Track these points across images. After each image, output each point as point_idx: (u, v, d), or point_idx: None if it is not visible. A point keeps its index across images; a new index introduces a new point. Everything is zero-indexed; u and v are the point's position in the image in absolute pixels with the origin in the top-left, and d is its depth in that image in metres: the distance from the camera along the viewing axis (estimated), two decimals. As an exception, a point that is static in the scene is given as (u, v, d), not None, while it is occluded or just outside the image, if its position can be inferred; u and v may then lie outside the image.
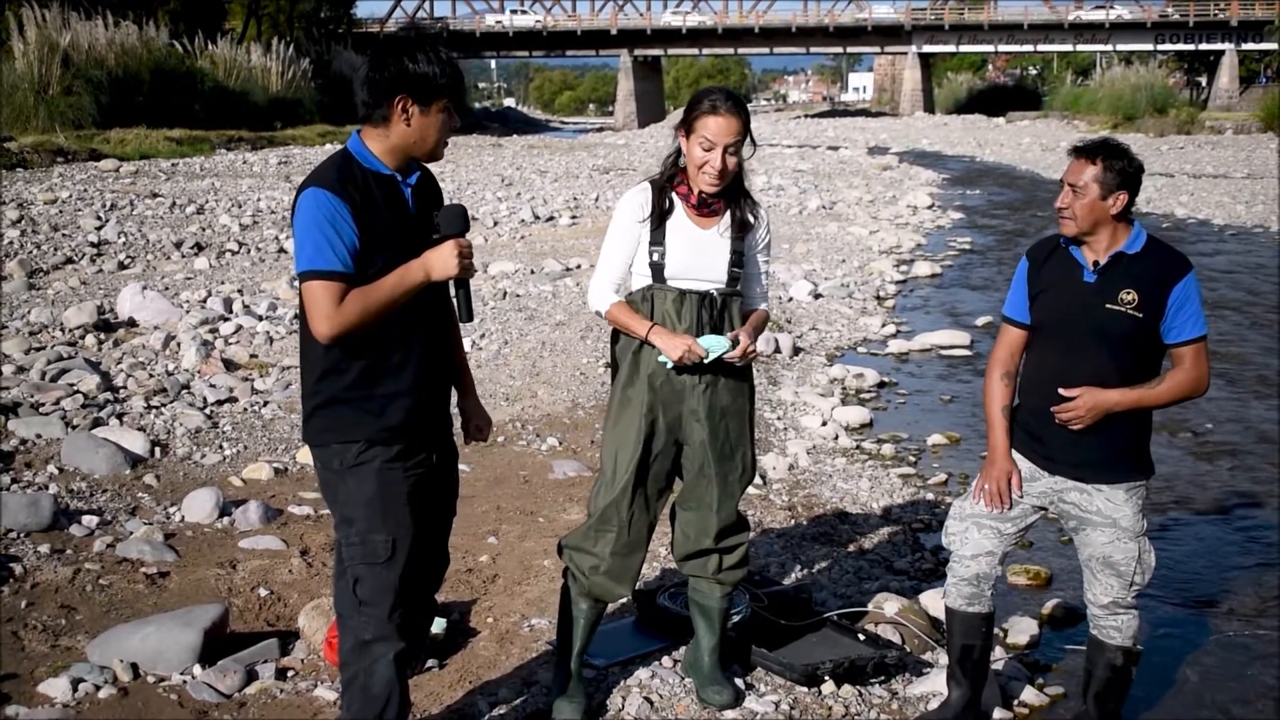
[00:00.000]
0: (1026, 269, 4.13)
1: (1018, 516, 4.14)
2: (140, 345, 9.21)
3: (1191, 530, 6.70)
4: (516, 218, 19.09)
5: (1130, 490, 4.03)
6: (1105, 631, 4.15)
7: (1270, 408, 9.24)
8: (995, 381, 4.16)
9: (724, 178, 3.93)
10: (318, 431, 3.45)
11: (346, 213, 3.26)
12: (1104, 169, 3.89)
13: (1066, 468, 4.03)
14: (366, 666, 3.44)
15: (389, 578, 3.44)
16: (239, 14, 56.33)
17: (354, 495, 3.42)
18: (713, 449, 4.04)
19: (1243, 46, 69.96)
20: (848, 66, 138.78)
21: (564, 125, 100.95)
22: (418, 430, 3.50)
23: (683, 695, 4.30)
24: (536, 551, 5.63)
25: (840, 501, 6.76)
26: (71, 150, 25.73)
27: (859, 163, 35.72)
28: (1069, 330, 3.97)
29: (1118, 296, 3.89)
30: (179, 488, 6.42)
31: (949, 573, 4.29)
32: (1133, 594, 4.08)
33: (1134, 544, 4.02)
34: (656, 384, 3.99)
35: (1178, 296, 3.89)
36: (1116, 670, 4.17)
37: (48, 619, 4.76)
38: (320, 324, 3.26)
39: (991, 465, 4.13)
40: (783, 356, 10.19)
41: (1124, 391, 3.90)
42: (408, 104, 3.33)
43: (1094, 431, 3.95)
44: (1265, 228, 20.54)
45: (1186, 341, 3.93)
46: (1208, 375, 4.00)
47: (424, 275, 3.34)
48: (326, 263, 3.23)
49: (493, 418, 7.76)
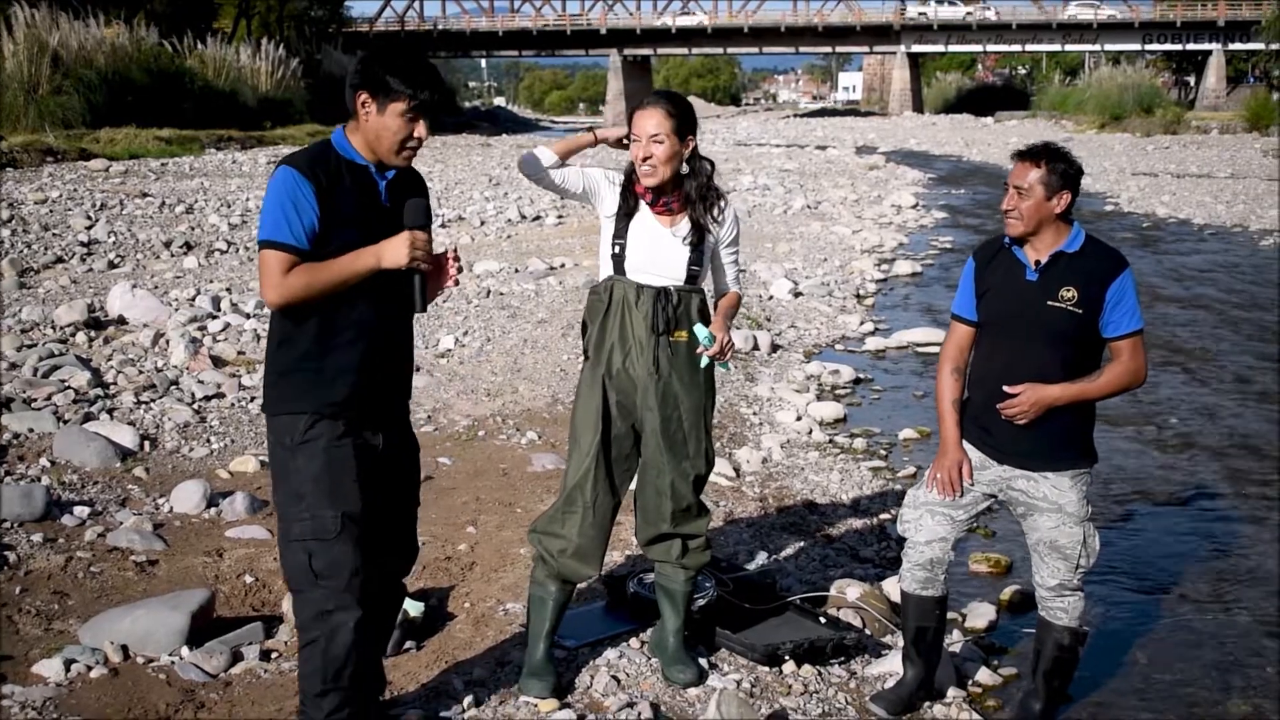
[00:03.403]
0: (974, 268, 4.35)
1: (969, 504, 4.35)
2: (130, 342, 9.37)
3: (1151, 520, 6.91)
4: (503, 217, 19.25)
5: (1075, 477, 4.23)
6: (1053, 613, 4.35)
7: (1237, 404, 9.45)
8: (945, 376, 4.37)
9: (654, 169, 4.12)
10: (272, 401, 3.66)
11: (310, 193, 3.49)
12: (1048, 171, 4.10)
13: (1014, 457, 4.24)
14: (327, 633, 3.60)
15: (343, 550, 3.60)
16: (229, 13, 56.37)
17: (303, 471, 3.59)
18: (664, 437, 4.23)
19: (1230, 47, 70.33)
20: (837, 66, 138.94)
21: (554, 125, 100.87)
22: (365, 408, 3.68)
23: (649, 674, 4.50)
24: (514, 540, 5.82)
25: (811, 493, 6.96)
26: (61, 150, 25.78)
27: (846, 162, 35.87)
28: (1013, 327, 4.18)
29: (1058, 294, 4.10)
30: (168, 480, 6.59)
31: (904, 558, 4.49)
32: (1079, 577, 4.28)
33: (1079, 529, 4.22)
34: (614, 371, 4.20)
35: (1115, 293, 4.09)
36: (1063, 649, 4.38)
37: (41, 604, 4.94)
38: (268, 291, 3.52)
39: (943, 455, 4.33)
40: (761, 353, 10.39)
41: (1065, 386, 4.11)
42: (366, 101, 3.55)
43: (1038, 423, 4.15)
44: (1244, 227, 20.75)
45: (1124, 335, 4.14)
46: (1145, 367, 4.21)
47: (375, 261, 3.55)
48: (281, 235, 3.48)
49: (474, 413, 8.04)
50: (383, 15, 77.85)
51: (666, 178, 4.16)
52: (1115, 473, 7.69)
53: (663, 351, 4.19)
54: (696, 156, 4.24)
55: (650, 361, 4.18)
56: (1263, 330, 12.34)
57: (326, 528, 3.59)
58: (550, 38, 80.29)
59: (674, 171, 4.17)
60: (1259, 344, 11.64)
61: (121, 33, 35.63)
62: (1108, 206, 24.94)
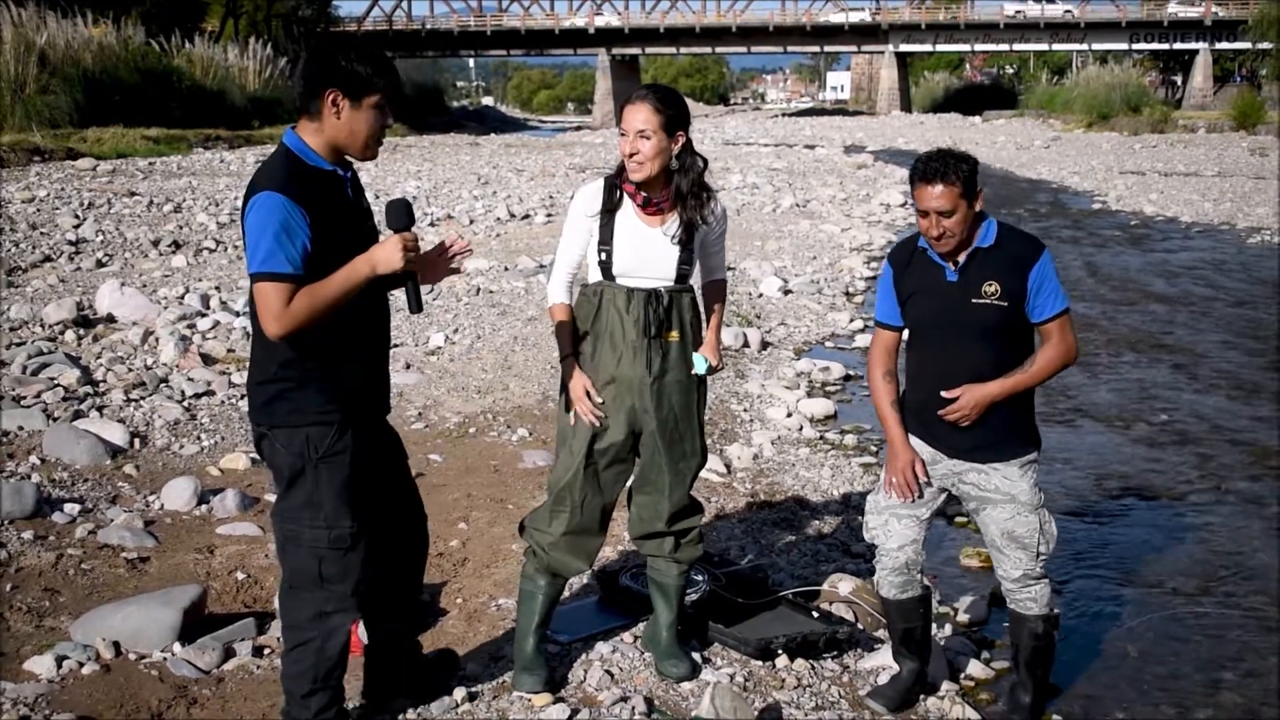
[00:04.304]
0: (891, 274, 4.30)
1: (929, 501, 4.33)
2: (119, 340, 9.35)
3: (1141, 514, 6.93)
4: (492, 216, 19.23)
5: (1024, 466, 4.21)
6: (1022, 604, 4.33)
7: (1225, 399, 9.48)
8: (878, 380, 4.36)
9: (641, 163, 4.08)
10: (286, 413, 3.55)
11: (300, 216, 3.38)
12: (961, 182, 4.01)
13: (961, 453, 4.22)
14: (325, 634, 3.64)
15: (355, 558, 3.64)
16: (217, 13, 56.30)
17: (325, 483, 3.57)
18: (662, 437, 4.23)
19: (1217, 46, 70.56)
20: (825, 65, 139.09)
21: (542, 124, 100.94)
22: (374, 413, 3.71)
23: (642, 668, 4.50)
24: (505, 537, 5.82)
25: (802, 489, 6.97)
26: (48, 149, 25.71)
27: (834, 161, 35.90)
28: (942, 330, 4.15)
29: (981, 290, 4.06)
30: (158, 477, 6.58)
31: (878, 565, 4.47)
32: (1040, 565, 4.25)
33: (1034, 516, 4.20)
34: (607, 376, 4.18)
35: (1036, 278, 4.07)
36: (1039, 638, 4.36)
37: (32, 601, 4.93)
38: (270, 324, 3.39)
39: (894, 458, 4.31)
40: (751, 351, 10.40)
41: (1001, 382, 4.09)
42: (338, 98, 3.45)
43: (981, 419, 4.13)
44: (1231, 225, 20.81)
45: (1051, 318, 4.12)
46: (1075, 344, 4.20)
47: (370, 269, 3.46)
48: (278, 266, 3.35)
49: (465, 410, 8.03)
50: (370, 14, 77.92)
51: (654, 173, 4.11)
52: (1104, 468, 7.71)
53: (655, 353, 4.18)
54: (688, 152, 4.18)
55: (644, 364, 4.17)
56: (1250, 326, 12.38)
57: (344, 539, 3.60)
58: (538, 37, 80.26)
59: (662, 167, 4.11)
60: (1247, 340, 11.67)
61: (109, 32, 35.62)
62: (1095, 205, 25.00)
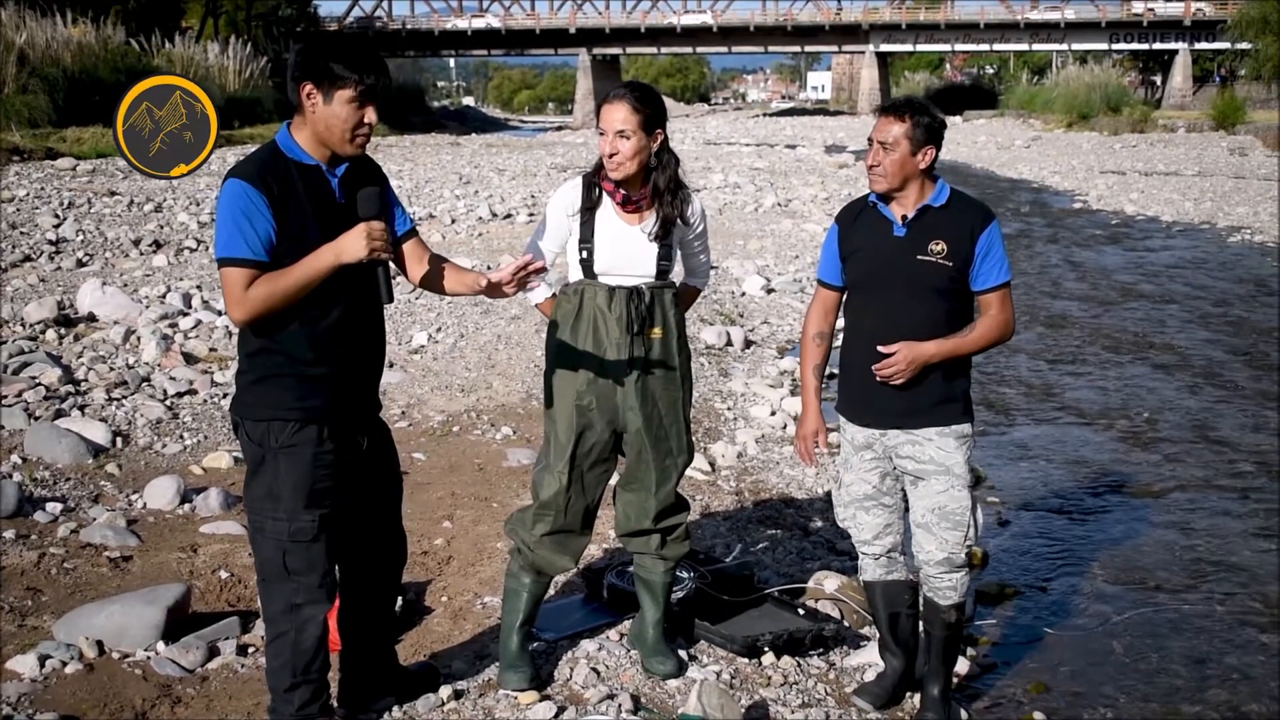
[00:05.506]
0: (837, 232, 4.28)
1: (884, 486, 4.29)
2: (101, 339, 9.30)
3: (1124, 512, 6.96)
4: (474, 215, 19.20)
5: (960, 440, 4.17)
6: (940, 592, 4.28)
7: (1207, 397, 9.52)
8: (809, 341, 4.35)
9: (620, 163, 4.06)
10: (251, 405, 3.59)
11: (263, 203, 3.40)
12: (912, 125, 4.03)
13: (893, 417, 4.17)
14: (298, 625, 3.63)
15: (318, 550, 3.63)
16: (196, 12, 56.14)
17: (283, 475, 3.57)
18: (648, 435, 4.22)
19: (1196, 46, 70.81)
20: (806, 65, 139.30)
21: (523, 124, 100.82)
22: (348, 410, 3.67)
23: (628, 666, 4.49)
24: (490, 535, 5.80)
25: (787, 487, 6.97)
26: (28, 149, 25.56)
27: (815, 161, 35.94)
28: (884, 284, 4.12)
29: (927, 247, 4.05)
30: (141, 476, 6.55)
31: (860, 555, 4.46)
32: (964, 552, 4.22)
33: (966, 493, 4.18)
34: (590, 376, 4.16)
35: (983, 245, 4.07)
36: (951, 627, 4.33)
37: (14, 600, 4.90)
38: (233, 309, 3.46)
39: (803, 423, 4.35)
40: (734, 349, 10.41)
41: (939, 342, 4.06)
42: (312, 91, 3.46)
43: (916, 381, 4.09)
44: (1212, 224, 20.92)
45: (993, 288, 4.13)
46: (1013, 320, 4.21)
47: (334, 259, 3.45)
48: (238, 251, 3.40)
49: (449, 408, 8.01)
50: (351, 14, 77.75)
51: (633, 172, 4.10)
52: (1087, 465, 7.74)
53: (638, 350, 4.17)
54: (665, 150, 4.18)
55: (627, 362, 4.16)
56: (1231, 325, 12.44)
57: (304, 530, 3.60)
58: (519, 37, 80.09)
59: (641, 165, 4.11)
60: (1228, 338, 11.73)
61: (88, 31, 35.41)
62: (1076, 204, 25.10)
